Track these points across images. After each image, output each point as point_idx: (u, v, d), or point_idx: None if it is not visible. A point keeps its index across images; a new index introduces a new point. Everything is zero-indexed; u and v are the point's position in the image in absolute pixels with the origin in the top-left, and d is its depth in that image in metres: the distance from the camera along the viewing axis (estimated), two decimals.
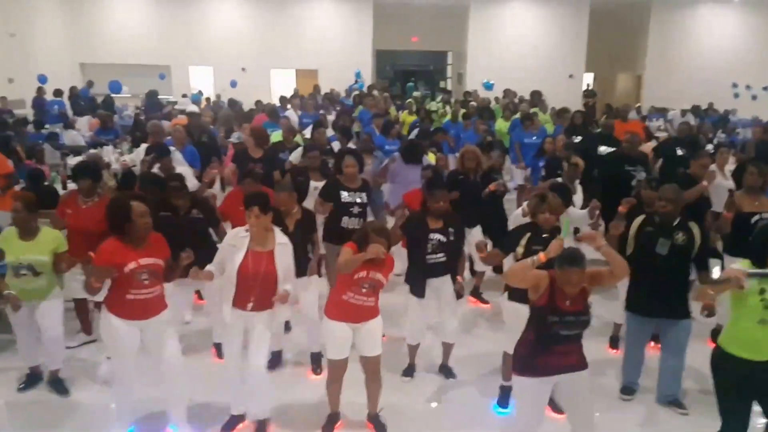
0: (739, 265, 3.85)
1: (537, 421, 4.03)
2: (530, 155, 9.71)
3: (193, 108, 9.69)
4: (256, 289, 4.39)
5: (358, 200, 6.04)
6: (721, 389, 3.95)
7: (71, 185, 7.91)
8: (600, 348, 5.91)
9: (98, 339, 5.96)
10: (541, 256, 3.84)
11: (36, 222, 4.91)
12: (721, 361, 3.93)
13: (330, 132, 9.44)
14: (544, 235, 4.70)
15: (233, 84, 20.97)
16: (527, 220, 5.78)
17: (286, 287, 4.46)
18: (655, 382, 5.20)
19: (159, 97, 17.62)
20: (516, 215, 5.94)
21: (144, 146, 8.04)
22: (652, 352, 5.42)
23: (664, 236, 4.88)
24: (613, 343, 6.10)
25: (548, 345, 3.86)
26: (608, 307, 6.33)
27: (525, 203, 6.04)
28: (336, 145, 8.67)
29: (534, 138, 10.18)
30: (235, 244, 4.44)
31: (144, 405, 4.77)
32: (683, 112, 17.13)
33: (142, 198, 4.37)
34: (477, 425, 4.88)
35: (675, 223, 4.94)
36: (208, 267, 4.57)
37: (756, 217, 5.64)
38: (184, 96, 19.63)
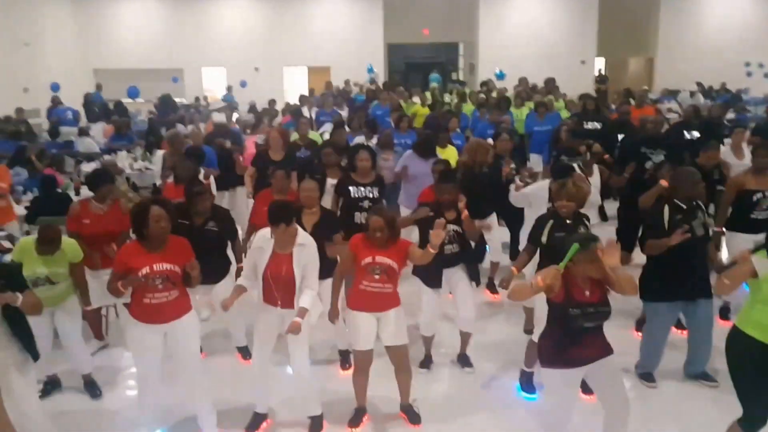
0: (756, 256, 3.88)
1: (570, 411, 4.01)
2: (543, 143, 9.72)
3: (221, 117, 9.77)
4: (279, 290, 4.45)
5: (369, 195, 6.04)
6: (738, 370, 3.93)
7: (84, 191, 8.03)
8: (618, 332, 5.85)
9: (109, 344, 6.07)
10: (539, 281, 3.70)
11: (60, 245, 4.91)
12: (736, 341, 3.93)
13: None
14: (567, 222, 4.76)
15: (243, 84, 21.06)
16: (518, 195, 5.92)
17: (303, 299, 4.41)
18: (669, 364, 5.29)
19: (175, 99, 17.74)
20: (510, 191, 6.09)
21: (161, 153, 8.14)
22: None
23: (694, 218, 4.93)
24: (640, 326, 6.01)
25: (574, 339, 3.84)
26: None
27: (517, 178, 6.10)
28: (360, 139, 8.68)
29: (546, 126, 10.12)
30: (262, 246, 4.48)
31: (174, 411, 4.82)
32: (691, 94, 16.95)
33: (163, 203, 4.38)
34: (497, 415, 4.92)
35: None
36: (239, 281, 4.66)
37: (758, 195, 5.82)
38: (197, 99, 19.75)
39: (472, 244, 5.44)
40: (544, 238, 4.81)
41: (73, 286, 5.08)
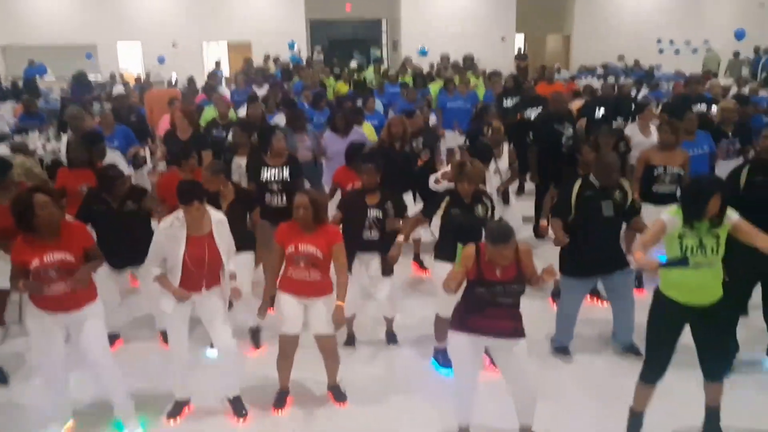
0: (667, 213, 3.96)
1: (472, 378, 4.09)
2: (459, 120, 10.03)
3: (120, 89, 9.52)
4: (204, 273, 4.38)
5: (278, 177, 5.95)
6: (652, 327, 4.11)
7: None
8: (533, 302, 5.79)
9: (10, 331, 5.87)
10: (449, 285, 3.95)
11: None
12: (657, 302, 4.08)
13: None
14: (465, 200, 4.86)
15: (161, 60, 20.45)
16: (440, 187, 5.87)
17: (230, 268, 4.49)
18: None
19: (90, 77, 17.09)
20: (430, 183, 6.07)
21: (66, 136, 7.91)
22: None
23: (606, 198, 5.07)
24: (555, 296, 6.16)
25: (478, 308, 3.94)
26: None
27: (439, 173, 6.15)
28: (280, 119, 8.61)
29: (460, 102, 10.43)
30: (174, 234, 4.32)
31: (85, 399, 4.72)
32: (600, 76, 17.50)
33: (44, 189, 4.17)
34: (422, 388, 4.98)
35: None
36: (155, 271, 4.46)
37: (659, 170, 6.18)
38: (112, 77, 19.10)
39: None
40: (440, 212, 4.91)
41: None
